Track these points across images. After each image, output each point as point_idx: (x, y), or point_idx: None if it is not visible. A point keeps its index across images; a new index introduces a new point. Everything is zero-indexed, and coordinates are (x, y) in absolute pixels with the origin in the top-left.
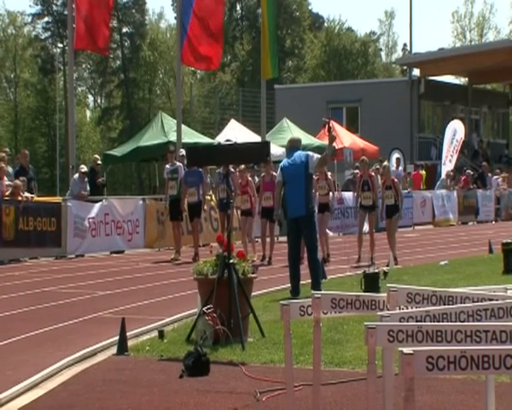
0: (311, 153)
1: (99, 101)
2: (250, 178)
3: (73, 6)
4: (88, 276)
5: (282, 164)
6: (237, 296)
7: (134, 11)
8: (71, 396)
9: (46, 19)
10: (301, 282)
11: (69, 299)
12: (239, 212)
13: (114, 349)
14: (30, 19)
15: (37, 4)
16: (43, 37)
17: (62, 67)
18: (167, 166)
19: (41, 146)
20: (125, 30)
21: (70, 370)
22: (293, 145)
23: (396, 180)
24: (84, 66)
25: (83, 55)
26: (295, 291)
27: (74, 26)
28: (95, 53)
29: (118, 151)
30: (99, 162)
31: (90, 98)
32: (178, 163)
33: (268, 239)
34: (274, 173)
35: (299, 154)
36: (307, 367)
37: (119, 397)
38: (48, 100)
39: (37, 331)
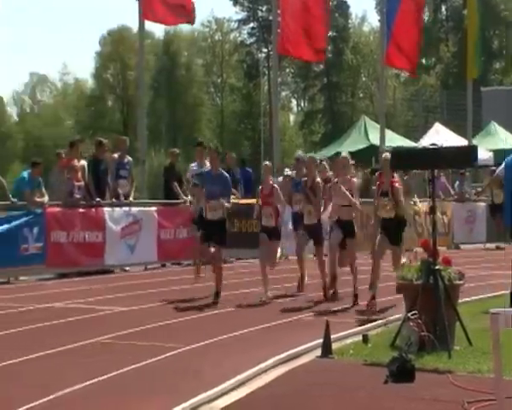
0: None
1: (302, 105)
2: (276, 185)
3: (278, 11)
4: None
5: (509, 160)
6: (443, 303)
7: (337, 15)
8: (274, 397)
9: (251, 24)
10: None
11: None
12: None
13: (318, 352)
14: (236, 25)
15: (243, 10)
16: (248, 42)
17: (267, 72)
18: (193, 165)
19: (245, 149)
20: (328, 34)
21: (273, 371)
22: None
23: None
24: (287, 70)
25: (287, 59)
26: None
27: (279, 31)
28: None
29: (320, 155)
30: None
31: (294, 102)
32: (223, 171)
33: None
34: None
35: None
36: None
37: (324, 400)
38: (252, 104)
39: (245, 330)
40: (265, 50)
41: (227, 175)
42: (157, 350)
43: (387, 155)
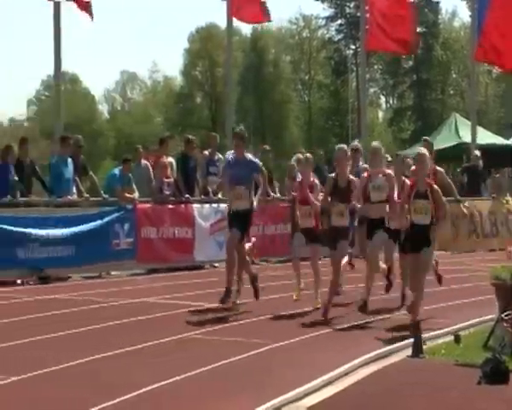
0: None
1: (391, 101)
2: (317, 181)
3: (366, 8)
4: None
5: None
6: None
7: (427, 11)
8: (364, 396)
9: (339, 21)
10: None
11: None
12: None
13: (408, 351)
14: (324, 22)
15: (330, 7)
16: (336, 39)
17: (355, 69)
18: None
19: (333, 146)
20: (417, 30)
21: (363, 370)
22: None
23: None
24: (375, 67)
25: (375, 56)
26: None
27: (367, 27)
28: (387, 54)
29: (410, 152)
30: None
31: (382, 99)
32: (250, 156)
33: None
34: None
35: None
36: None
37: (416, 400)
38: (340, 101)
39: (328, 330)
40: (353, 47)
41: (256, 160)
42: (243, 347)
43: (422, 149)
